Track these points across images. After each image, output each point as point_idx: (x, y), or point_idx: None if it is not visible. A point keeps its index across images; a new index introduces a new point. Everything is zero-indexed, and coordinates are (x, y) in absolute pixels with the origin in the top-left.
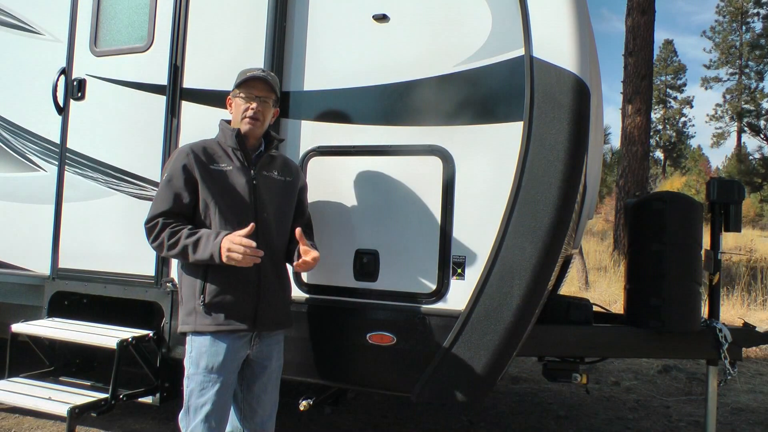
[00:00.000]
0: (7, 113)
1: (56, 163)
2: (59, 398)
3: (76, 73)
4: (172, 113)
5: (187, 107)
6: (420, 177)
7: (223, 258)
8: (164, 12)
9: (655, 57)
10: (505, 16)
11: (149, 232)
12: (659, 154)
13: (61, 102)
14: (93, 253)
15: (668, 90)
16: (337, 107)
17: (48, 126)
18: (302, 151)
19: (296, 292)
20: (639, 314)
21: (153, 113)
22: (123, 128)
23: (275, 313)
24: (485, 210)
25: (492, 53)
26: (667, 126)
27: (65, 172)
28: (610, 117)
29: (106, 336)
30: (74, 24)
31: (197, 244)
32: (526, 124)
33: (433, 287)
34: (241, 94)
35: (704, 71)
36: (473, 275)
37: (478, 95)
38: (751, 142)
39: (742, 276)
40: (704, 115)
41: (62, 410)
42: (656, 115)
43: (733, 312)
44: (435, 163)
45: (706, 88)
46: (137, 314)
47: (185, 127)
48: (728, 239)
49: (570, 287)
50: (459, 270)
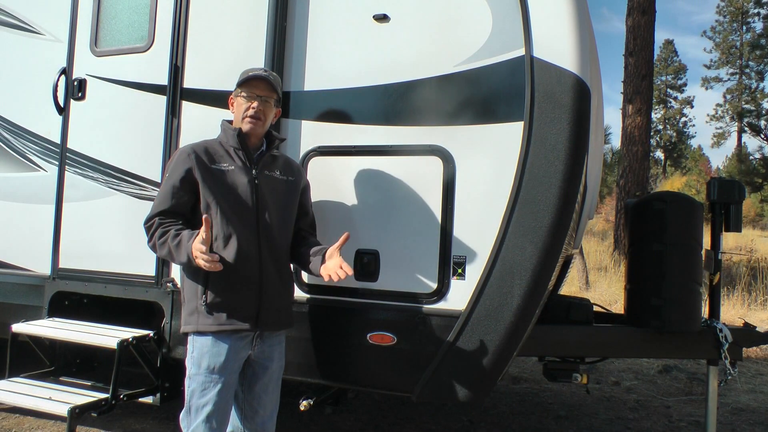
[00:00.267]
0: (8, 113)
1: (57, 163)
2: (60, 398)
3: (77, 73)
4: (173, 113)
5: (188, 107)
6: (420, 177)
7: (195, 262)
8: (165, 12)
9: (656, 57)
10: (506, 16)
11: (146, 232)
12: (660, 154)
13: (62, 102)
14: (93, 253)
15: (668, 90)
16: (338, 107)
17: (48, 126)
18: (302, 151)
19: (297, 292)
20: (639, 314)
21: (153, 113)
22: (123, 128)
23: (277, 313)
24: (486, 210)
25: (492, 53)
26: (668, 126)
27: (66, 172)
28: (611, 117)
29: (107, 336)
30: (75, 24)
31: (179, 247)
32: (527, 124)
33: (434, 287)
34: (243, 94)
35: (704, 71)
36: (474, 275)
37: (479, 95)
38: (752, 142)
39: (743, 276)
40: (705, 115)
41: (63, 410)
42: (657, 115)
43: (734, 312)
44: (435, 163)
45: (707, 88)
46: (137, 314)
47: (185, 127)
48: (728, 239)
49: (570, 287)
50: (459, 270)
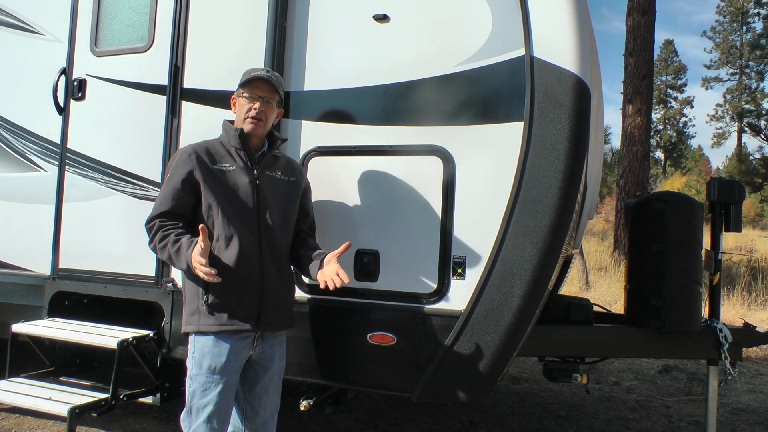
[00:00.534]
0: (8, 113)
1: (57, 163)
2: (60, 398)
3: (77, 73)
4: (173, 113)
5: (188, 107)
6: (420, 177)
7: (194, 271)
8: (165, 12)
9: (656, 57)
10: (506, 16)
11: (147, 233)
12: (660, 154)
13: (62, 102)
14: (93, 253)
15: (668, 90)
16: (338, 107)
17: (48, 126)
18: (302, 152)
19: (297, 293)
20: (639, 314)
21: (153, 113)
22: (123, 128)
23: (278, 314)
24: (486, 210)
25: (492, 53)
26: (668, 126)
27: (65, 172)
28: (611, 117)
29: (107, 336)
30: (75, 24)
31: (178, 253)
32: (527, 125)
33: (434, 287)
34: (245, 94)
35: (704, 71)
36: (474, 275)
37: (479, 95)
38: (752, 142)
39: (743, 276)
40: (704, 115)
41: (63, 410)
42: (656, 115)
43: (734, 312)
44: (435, 163)
45: (707, 88)
46: (137, 314)
47: (185, 128)
48: (728, 239)
49: (570, 287)
50: (459, 270)
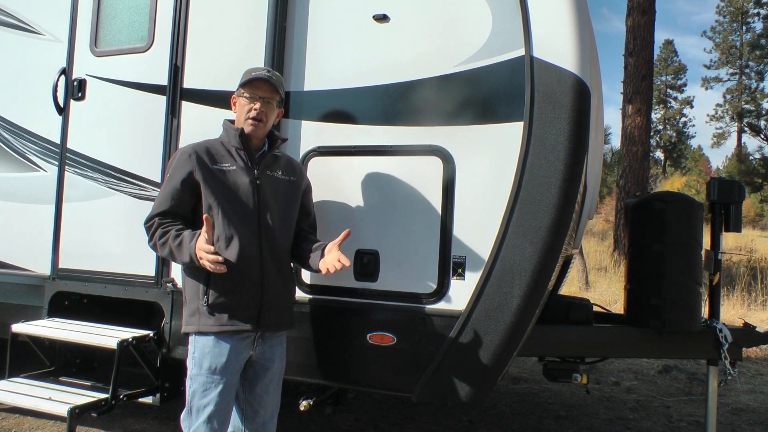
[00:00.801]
0: (8, 113)
1: (56, 164)
2: (59, 398)
3: (77, 74)
4: (173, 113)
5: (188, 107)
6: (420, 177)
7: (198, 262)
8: (164, 12)
9: (656, 57)
10: (506, 16)
11: (147, 232)
12: (659, 155)
13: (62, 102)
14: (93, 253)
15: (668, 90)
16: (338, 107)
17: (48, 126)
18: (302, 152)
19: (297, 293)
20: (639, 314)
21: (153, 113)
22: (123, 128)
23: (278, 314)
24: (486, 210)
25: (492, 53)
26: (668, 126)
27: (65, 172)
28: (611, 117)
29: (107, 336)
30: (74, 24)
31: (180, 247)
32: (527, 125)
33: (434, 287)
34: (245, 94)
35: (704, 71)
36: (473, 275)
37: (479, 95)
38: (752, 143)
39: (743, 276)
40: (704, 116)
41: (62, 410)
42: (656, 116)
43: (734, 312)
44: (435, 164)
45: (707, 89)
46: (137, 314)
47: (185, 128)
48: (728, 239)
49: (570, 287)
50: (459, 270)
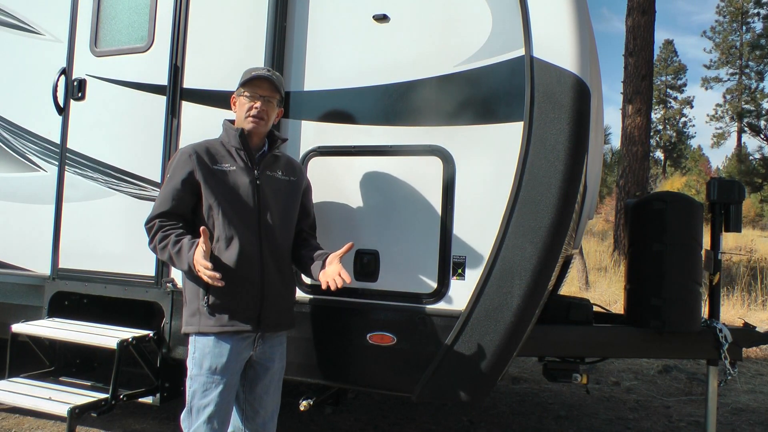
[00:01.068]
0: (8, 113)
1: (56, 164)
2: (59, 398)
3: (77, 74)
4: (173, 113)
5: (187, 107)
6: (420, 177)
7: (197, 274)
8: (164, 12)
9: (656, 57)
10: (506, 16)
11: (147, 233)
12: (659, 155)
13: (62, 102)
14: (93, 253)
15: (668, 90)
16: (338, 107)
17: (48, 126)
18: (302, 152)
19: (297, 293)
20: (639, 314)
21: (153, 113)
22: (123, 128)
23: (279, 314)
24: (485, 210)
25: (492, 53)
26: (668, 126)
27: (65, 172)
28: (611, 117)
29: (107, 336)
30: (74, 24)
31: (179, 254)
32: (527, 125)
33: (434, 287)
34: (246, 93)
35: (704, 71)
36: (473, 275)
37: (479, 95)
38: (752, 143)
39: (743, 276)
40: (704, 116)
41: (62, 410)
42: (656, 116)
43: (734, 312)
44: (435, 164)
45: (707, 89)
46: (137, 314)
47: (185, 128)
48: (728, 239)
49: (570, 287)
50: (459, 270)
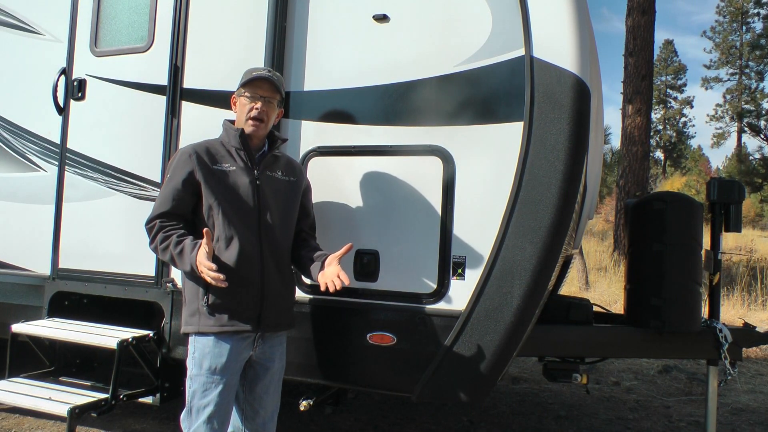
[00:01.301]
0: (8, 113)
1: (56, 164)
2: (59, 398)
3: (77, 74)
4: (173, 113)
5: (187, 107)
6: (420, 177)
7: (200, 274)
8: (164, 12)
9: (656, 57)
10: (506, 17)
11: (148, 234)
12: (659, 155)
13: (62, 102)
14: (93, 253)
15: (668, 90)
16: (338, 107)
17: (48, 126)
18: (302, 152)
19: (297, 293)
20: (639, 314)
21: (153, 113)
22: (123, 128)
23: (278, 314)
24: (486, 210)
25: (492, 53)
26: (668, 126)
27: (65, 173)
28: (611, 117)
29: (107, 336)
30: (74, 24)
31: (181, 255)
32: (527, 125)
33: (434, 287)
34: (246, 94)
35: (704, 71)
36: (473, 275)
37: (479, 95)
38: (752, 143)
39: (743, 276)
40: (704, 116)
41: (62, 410)
42: (656, 116)
43: (734, 312)
44: (435, 164)
45: (707, 89)
46: (137, 314)
47: (185, 128)
48: (728, 239)
49: (570, 287)
50: (459, 270)
